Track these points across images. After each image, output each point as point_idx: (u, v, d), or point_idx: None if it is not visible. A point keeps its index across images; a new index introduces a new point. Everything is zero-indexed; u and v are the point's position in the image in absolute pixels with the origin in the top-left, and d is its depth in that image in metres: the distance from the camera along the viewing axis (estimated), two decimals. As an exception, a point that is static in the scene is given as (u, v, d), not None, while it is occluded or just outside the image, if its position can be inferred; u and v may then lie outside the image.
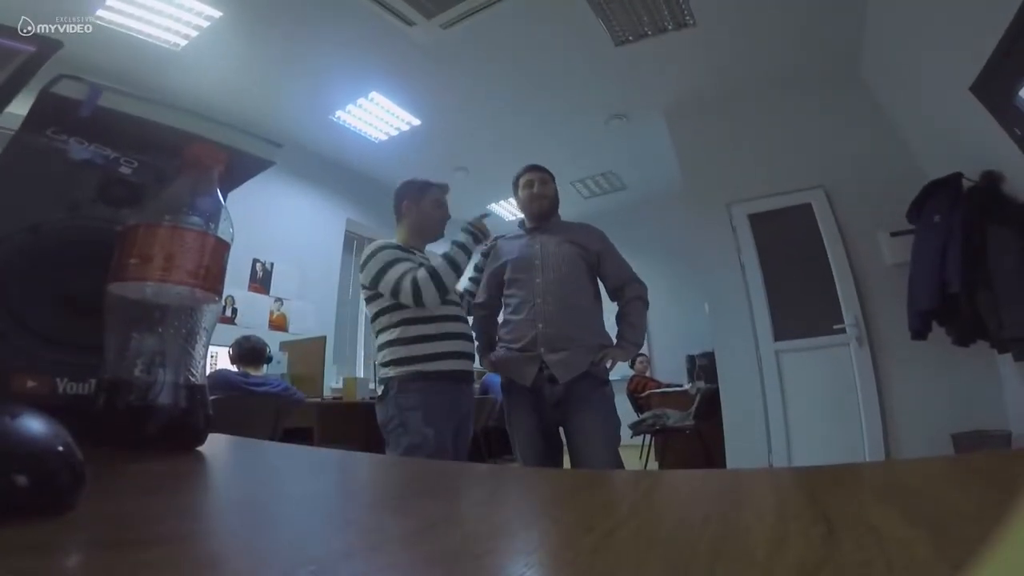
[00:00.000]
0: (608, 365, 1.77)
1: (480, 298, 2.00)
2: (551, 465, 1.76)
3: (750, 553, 0.16)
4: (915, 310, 2.78)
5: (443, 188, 1.92)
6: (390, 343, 1.69)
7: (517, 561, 0.16)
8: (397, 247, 1.75)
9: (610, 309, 1.91)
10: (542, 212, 1.94)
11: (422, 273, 1.64)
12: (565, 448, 1.84)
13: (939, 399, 2.99)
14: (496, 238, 2.05)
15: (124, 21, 3.21)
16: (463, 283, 2.02)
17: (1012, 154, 2.35)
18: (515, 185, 2.03)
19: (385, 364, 1.69)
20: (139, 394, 0.37)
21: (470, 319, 1.95)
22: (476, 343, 1.96)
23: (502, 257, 1.93)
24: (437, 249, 1.87)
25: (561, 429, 1.79)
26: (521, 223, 2.03)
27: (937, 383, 3.01)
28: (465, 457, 1.81)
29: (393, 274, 1.67)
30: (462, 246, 1.73)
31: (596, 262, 1.89)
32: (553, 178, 2.02)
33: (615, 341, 1.84)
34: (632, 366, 4.94)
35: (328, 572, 0.15)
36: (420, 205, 1.86)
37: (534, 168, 2.01)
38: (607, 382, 1.80)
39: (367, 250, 1.77)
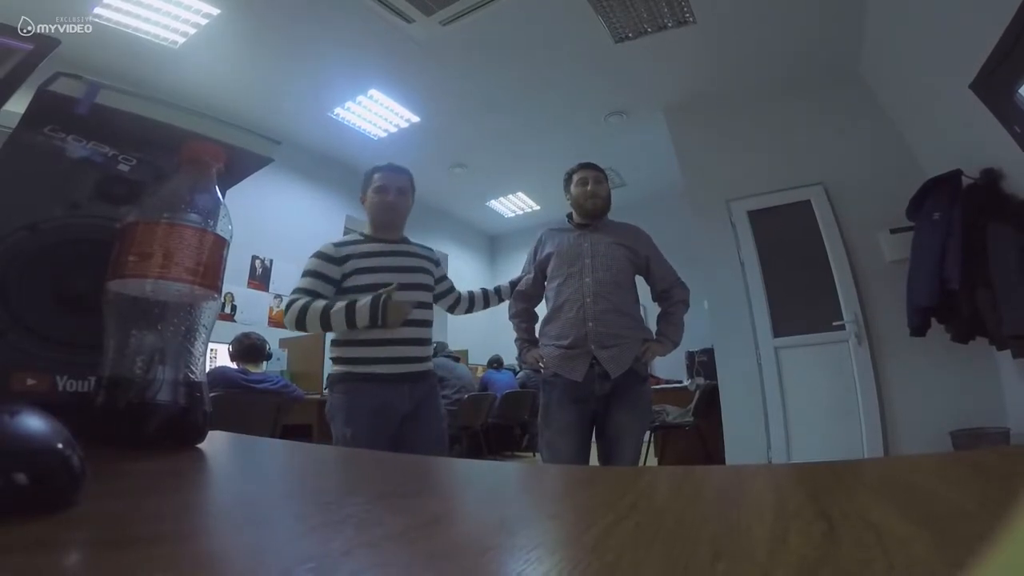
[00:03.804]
0: (648, 358, 1.84)
1: (523, 286, 2.02)
2: (582, 457, 1.81)
3: (750, 551, 0.16)
4: (914, 307, 2.78)
5: (383, 170, 1.79)
6: (333, 340, 1.73)
7: (517, 558, 0.16)
8: (325, 257, 1.68)
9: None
10: (595, 210, 1.96)
11: (316, 306, 1.58)
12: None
13: (938, 396, 2.99)
14: (549, 230, 2.07)
15: (122, 19, 3.20)
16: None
17: (1011, 151, 2.35)
18: (567, 181, 2.04)
19: (330, 359, 1.74)
20: (139, 391, 0.37)
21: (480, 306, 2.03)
22: (516, 336, 2.02)
23: (548, 248, 1.96)
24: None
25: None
26: (569, 216, 2.04)
27: (936, 380, 3.02)
28: (443, 449, 1.81)
29: (296, 285, 1.67)
30: (351, 314, 1.57)
31: (644, 265, 1.95)
32: (607, 177, 2.04)
33: (656, 337, 1.91)
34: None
35: (327, 570, 0.15)
36: (367, 195, 1.79)
37: (589, 166, 2.02)
38: (647, 379, 1.88)
39: None
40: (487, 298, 2.05)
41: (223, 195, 0.44)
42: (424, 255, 1.84)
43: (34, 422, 0.20)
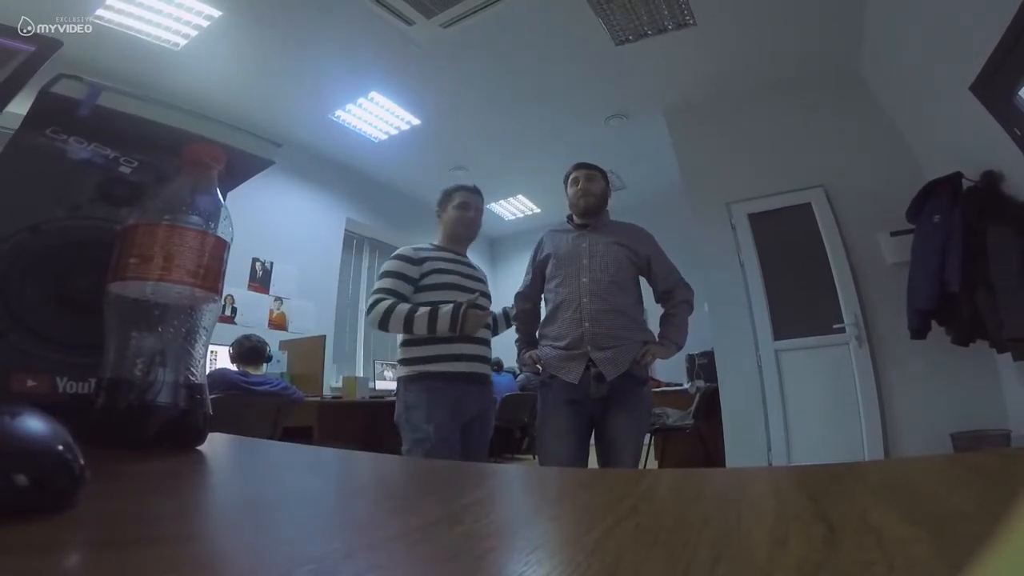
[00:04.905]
0: (648, 360, 1.80)
1: (522, 288, 2.03)
2: (579, 460, 1.80)
3: (750, 554, 0.16)
4: (914, 309, 2.78)
5: (466, 190, 1.98)
6: (404, 343, 1.79)
7: (517, 560, 0.16)
8: (405, 258, 1.81)
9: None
10: (588, 208, 1.95)
11: (401, 308, 1.72)
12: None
13: (938, 398, 2.99)
14: (549, 231, 2.08)
15: (123, 20, 3.21)
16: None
17: (1012, 154, 2.35)
18: (565, 182, 2.06)
19: (399, 362, 1.81)
20: (139, 393, 0.37)
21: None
22: (516, 337, 2.03)
23: (546, 249, 1.96)
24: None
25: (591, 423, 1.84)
26: (569, 218, 2.04)
27: (936, 382, 3.01)
28: (484, 456, 1.89)
29: (378, 285, 1.79)
30: (433, 320, 1.70)
31: (645, 265, 1.92)
32: (604, 175, 2.04)
33: (657, 339, 1.87)
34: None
35: (327, 572, 0.15)
36: (446, 211, 1.95)
37: (583, 165, 2.02)
38: (646, 382, 1.85)
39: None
40: (508, 320, 2.09)
41: (224, 197, 0.44)
42: (482, 272, 1.99)
43: (34, 423, 0.20)
